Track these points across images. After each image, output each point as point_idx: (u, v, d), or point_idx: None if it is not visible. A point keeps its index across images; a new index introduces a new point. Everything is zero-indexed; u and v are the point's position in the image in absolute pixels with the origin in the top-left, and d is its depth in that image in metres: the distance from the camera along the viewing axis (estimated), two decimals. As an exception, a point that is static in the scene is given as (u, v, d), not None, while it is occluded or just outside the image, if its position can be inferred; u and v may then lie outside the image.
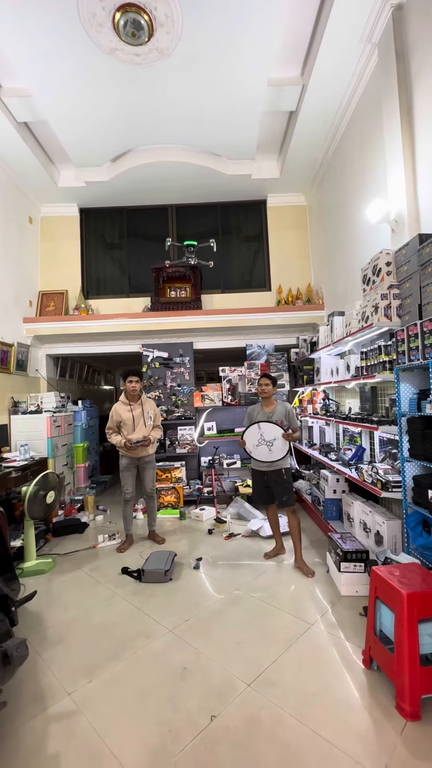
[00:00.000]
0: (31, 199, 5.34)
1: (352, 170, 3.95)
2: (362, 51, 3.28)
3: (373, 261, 2.94)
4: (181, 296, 5.50)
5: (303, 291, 5.53)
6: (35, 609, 2.68)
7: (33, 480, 3.38)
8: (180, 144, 4.62)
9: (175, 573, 3.11)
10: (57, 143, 4.52)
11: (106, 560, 3.46)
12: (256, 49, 3.31)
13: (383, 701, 1.75)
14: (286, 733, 1.62)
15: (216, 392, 5.29)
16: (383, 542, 2.74)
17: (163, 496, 4.83)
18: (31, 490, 3.29)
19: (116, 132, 4.31)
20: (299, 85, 3.78)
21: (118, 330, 5.29)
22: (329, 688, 1.85)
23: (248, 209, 5.83)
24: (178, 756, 1.54)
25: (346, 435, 4.05)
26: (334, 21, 3.01)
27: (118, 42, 3.13)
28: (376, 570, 1.97)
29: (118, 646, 2.24)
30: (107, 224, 5.85)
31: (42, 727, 1.70)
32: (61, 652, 2.22)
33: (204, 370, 8.71)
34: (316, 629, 2.31)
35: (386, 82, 3.01)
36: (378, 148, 3.28)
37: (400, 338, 2.52)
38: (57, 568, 3.35)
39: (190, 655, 2.13)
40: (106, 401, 8.80)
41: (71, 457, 5.25)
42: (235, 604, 2.64)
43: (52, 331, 5.23)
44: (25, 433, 4.54)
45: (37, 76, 3.48)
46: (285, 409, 3.25)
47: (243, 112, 4.05)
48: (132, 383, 3.73)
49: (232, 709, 1.75)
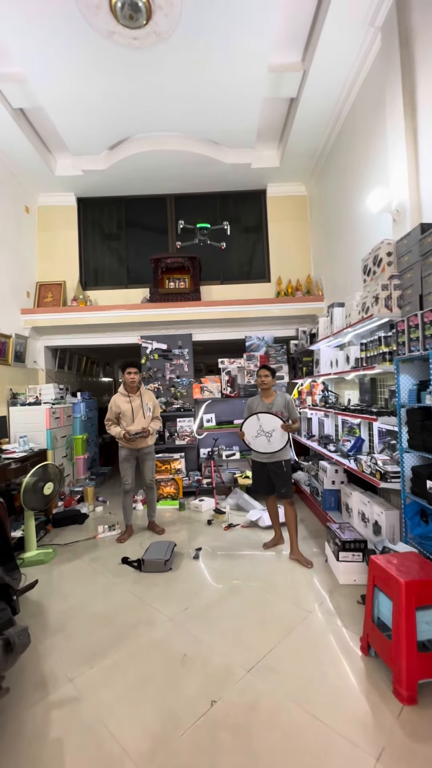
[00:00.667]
0: (27, 188, 5.26)
1: (353, 159, 3.89)
2: (365, 35, 3.21)
3: (374, 251, 2.92)
4: (180, 287, 5.45)
5: (303, 282, 5.50)
6: (36, 598, 2.70)
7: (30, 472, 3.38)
8: (179, 132, 4.54)
9: (174, 563, 3.14)
10: (53, 130, 4.43)
11: (106, 550, 3.49)
12: (256, 34, 3.23)
13: (380, 686, 1.78)
14: (285, 717, 1.64)
15: (215, 384, 5.28)
16: (381, 532, 2.77)
17: (163, 488, 4.85)
18: (29, 481, 3.30)
19: (114, 119, 4.23)
20: (300, 71, 3.70)
21: (116, 321, 5.26)
22: (327, 675, 1.88)
23: (248, 199, 5.77)
24: (179, 740, 1.56)
25: (345, 426, 4.06)
26: (336, 4, 2.93)
27: (115, 25, 3.05)
28: (374, 559, 1.99)
29: (119, 633, 2.27)
30: (105, 214, 5.78)
31: (44, 713, 1.73)
32: (62, 640, 2.25)
33: (203, 361, 8.68)
34: (314, 617, 2.34)
35: (389, 68, 2.95)
36: (380, 136, 3.23)
37: (400, 329, 2.51)
38: (57, 558, 3.38)
39: (190, 642, 2.16)
40: (105, 393, 8.79)
41: (70, 448, 5.26)
42: (234, 593, 2.67)
43: (50, 322, 5.19)
44: (24, 424, 4.54)
45: (33, 60, 3.40)
46: (285, 400, 3.25)
47: (243, 99, 3.97)
48: (131, 375, 3.72)
49: (231, 694, 1.78)
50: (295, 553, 3.11)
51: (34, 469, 3.40)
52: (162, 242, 5.77)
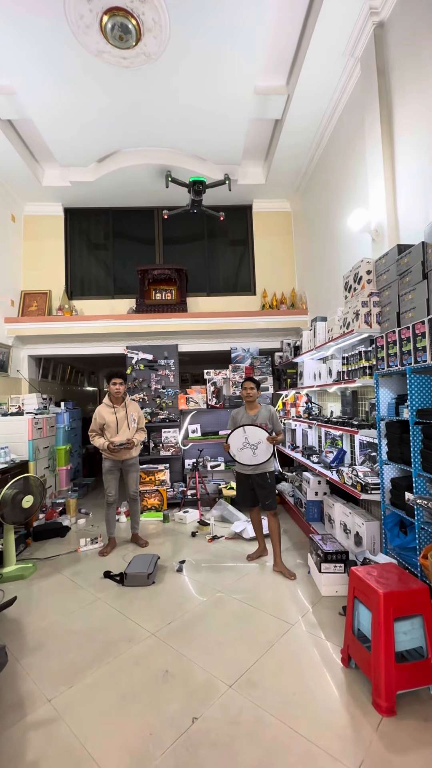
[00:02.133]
0: (14, 197, 5.26)
1: (335, 179, 4.04)
2: (345, 64, 3.38)
3: (355, 269, 3.02)
4: (166, 299, 5.50)
5: (287, 296, 5.62)
6: (15, 615, 2.63)
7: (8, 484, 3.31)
8: (167, 147, 4.63)
9: (158, 576, 3.11)
10: (42, 142, 4.47)
11: (88, 564, 3.43)
12: (243, 57, 3.36)
13: (360, 698, 1.80)
14: (267, 732, 1.64)
15: (201, 395, 5.30)
16: (362, 543, 2.81)
17: (147, 499, 4.81)
18: (7, 494, 3.22)
19: (102, 132, 4.29)
20: (285, 94, 3.85)
21: (102, 331, 5.25)
22: (309, 687, 1.89)
23: (234, 214, 5.89)
24: (160, 759, 1.54)
25: (328, 438, 4.13)
26: (318, 33, 3.09)
27: (105, 45, 3.13)
28: (354, 570, 2.03)
29: (100, 650, 2.23)
30: (92, 224, 5.80)
31: (21, 735, 1.68)
32: (41, 658, 2.19)
33: (189, 372, 8.71)
34: (296, 629, 2.36)
35: (368, 95, 3.11)
36: (360, 159, 3.38)
37: (379, 345, 2.60)
38: (37, 572, 3.30)
39: (172, 657, 2.14)
40: (89, 403, 8.69)
41: (53, 459, 5.18)
42: (217, 606, 2.66)
43: (34, 331, 5.15)
44: (6, 435, 4.45)
45: (22, 73, 3.43)
46: (269, 412, 3.29)
47: (230, 118, 4.09)
48: (116, 385, 3.71)
49: (213, 710, 1.77)
50: (279, 565, 3.12)
51: (13, 482, 3.32)
52: (149, 254, 5.82)
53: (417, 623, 1.80)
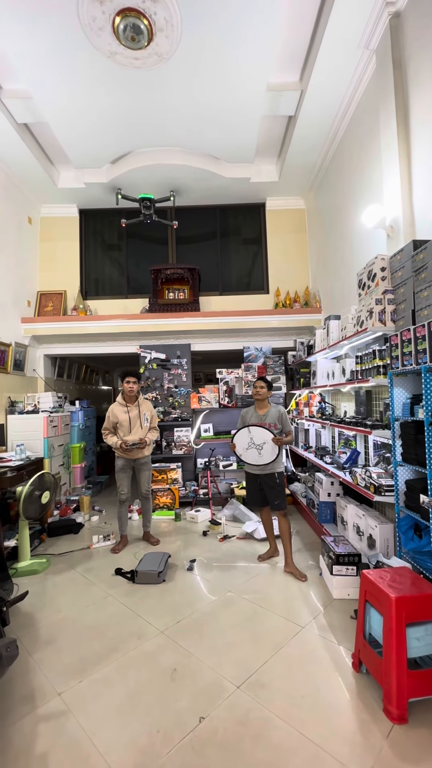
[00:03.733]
0: (30, 200, 5.36)
1: (349, 175, 3.97)
2: (360, 57, 3.31)
3: (369, 266, 2.96)
4: (179, 298, 5.51)
5: (301, 294, 5.55)
6: (28, 609, 2.68)
7: (28, 480, 3.39)
8: (179, 147, 4.64)
9: (168, 574, 3.12)
10: (57, 144, 4.54)
11: (101, 561, 3.47)
12: (255, 54, 3.33)
13: (371, 704, 1.77)
14: (274, 734, 1.63)
15: (213, 394, 5.30)
16: (375, 546, 2.76)
17: (159, 498, 4.84)
18: (27, 491, 3.30)
19: (116, 134, 4.33)
20: (298, 90, 3.80)
21: (116, 331, 5.30)
22: (318, 691, 1.86)
23: (247, 212, 5.86)
24: (166, 757, 1.54)
25: (342, 438, 4.06)
26: (332, 27, 3.03)
27: (117, 46, 3.15)
28: (366, 573, 1.99)
29: (110, 646, 2.25)
30: (106, 225, 5.87)
31: (31, 727, 1.71)
32: (52, 652, 2.23)
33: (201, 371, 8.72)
34: (307, 632, 2.32)
35: (383, 89, 3.03)
36: (375, 154, 3.30)
37: (393, 343, 2.54)
38: (51, 568, 3.36)
39: (181, 656, 2.14)
40: (103, 401, 8.80)
41: (68, 457, 5.26)
42: (227, 606, 2.65)
43: (50, 331, 5.24)
44: (22, 433, 4.54)
45: (38, 78, 3.50)
46: (278, 412, 3.26)
47: (242, 116, 4.07)
48: (129, 384, 3.74)
49: (220, 710, 1.76)
50: (290, 565, 3.09)
51: (32, 479, 3.40)
52: (162, 253, 5.84)
53: (431, 630, 1.75)
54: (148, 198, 4.17)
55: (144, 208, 4.29)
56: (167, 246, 5.86)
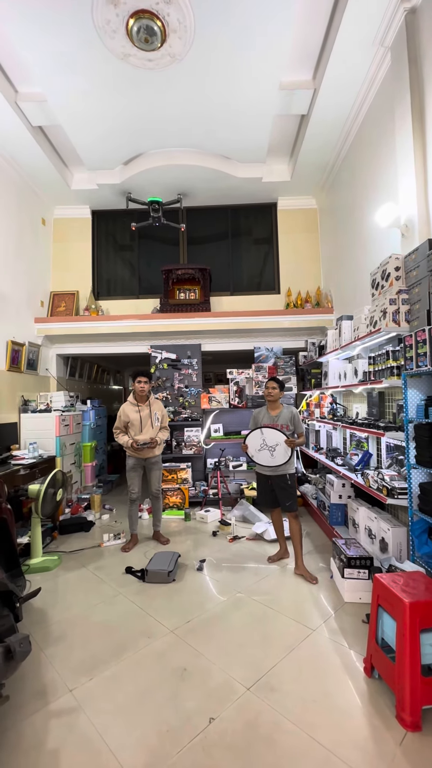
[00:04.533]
0: (44, 201, 5.43)
1: (363, 174, 3.92)
2: (374, 54, 3.27)
3: (382, 265, 2.92)
4: (190, 298, 5.52)
5: (312, 294, 5.51)
6: (40, 605, 2.72)
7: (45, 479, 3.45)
8: (191, 147, 4.65)
9: (178, 574, 3.12)
10: (70, 146, 4.59)
11: (111, 559, 3.50)
12: (268, 54, 3.32)
13: (383, 710, 1.74)
14: (285, 738, 1.61)
15: (223, 394, 5.29)
16: (388, 549, 2.72)
17: (169, 497, 4.86)
18: (46, 490, 3.35)
19: (128, 135, 4.36)
20: (311, 89, 3.77)
21: (127, 331, 5.34)
22: (329, 695, 1.84)
23: (258, 212, 5.84)
24: (176, 757, 1.54)
25: (353, 440, 4.01)
26: (346, 25, 3.00)
27: (131, 48, 3.17)
28: (378, 577, 1.96)
29: (120, 645, 2.26)
30: (118, 226, 5.91)
31: (43, 723, 1.73)
32: (63, 648, 2.25)
33: (212, 371, 8.72)
34: (317, 635, 2.30)
35: (398, 86, 2.99)
36: (389, 151, 3.26)
37: (408, 344, 2.50)
38: (62, 565, 3.40)
39: (191, 656, 2.14)
40: (114, 401, 8.87)
41: (79, 455, 5.31)
42: (237, 607, 2.64)
43: (62, 331, 5.30)
44: (34, 431, 4.61)
45: (52, 81, 3.54)
46: (291, 413, 3.24)
47: (254, 116, 4.06)
48: (141, 384, 3.76)
49: (230, 712, 1.75)
50: (300, 568, 3.06)
51: (49, 478, 3.45)
52: (173, 253, 5.86)
53: (445, 636, 1.72)
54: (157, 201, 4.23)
55: (153, 211, 4.36)
56: (178, 246, 5.88)
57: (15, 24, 3.02)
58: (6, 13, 2.93)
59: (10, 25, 3.03)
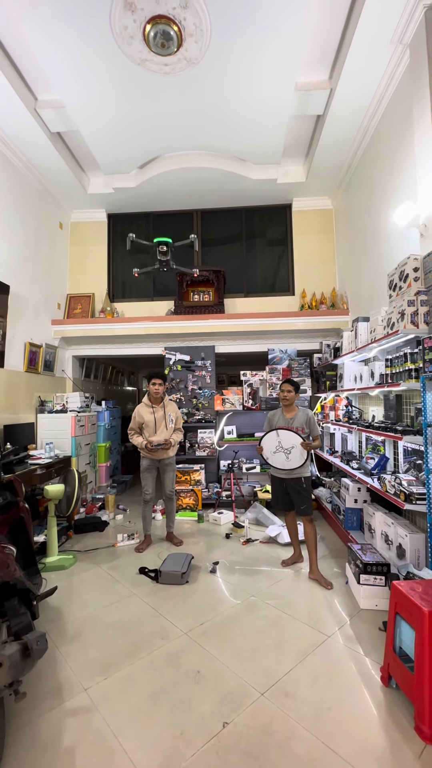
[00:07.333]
0: (61, 206, 5.53)
1: (380, 173, 3.87)
2: (393, 52, 3.21)
3: (400, 266, 2.87)
4: (204, 300, 5.54)
5: (327, 295, 5.45)
6: (56, 603, 2.75)
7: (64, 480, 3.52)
8: (206, 150, 4.66)
9: (191, 576, 3.12)
10: (87, 151, 4.66)
11: (125, 559, 3.52)
12: (283, 55, 3.31)
13: (401, 721, 1.70)
14: (299, 746, 1.59)
15: (237, 396, 5.28)
16: (405, 556, 2.66)
17: (182, 499, 4.86)
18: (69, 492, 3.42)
19: (144, 139, 4.40)
20: (327, 89, 3.74)
21: (141, 333, 5.38)
22: (345, 703, 1.81)
23: (273, 213, 5.82)
24: (189, 760, 1.54)
25: (369, 443, 3.95)
26: (364, 23, 2.96)
27: (147, 53, 3.20)
28: (396, 585, 1.92)
29: (134, 645, 2.27)
30: (134, 229, 5.95)
31: (58, 721, 1.75)
32: (78, 647, 2.27)
33: (225, 373, 8.71)
34: (333, 642, 2.27)
35: (417, 83, 2.94)
36: (408, 150, 3.20)
37: (427, 346, 2.45)
38: (77, 564, 3.44)
39: (204, 659, 2.13)
40: (129, 402, 8.95)
41: (94, 456, 5.38)
42: (250, 610, 2.63)
43: (78, 333, 5.38)
44: (51, 431, 4.68)
45: (70, 88, 3.61)
46: (306, 416, 3.21)
47: (270, 118, 4.05)
48: (155, 386, 3.78)
49: (244, 716, 1.74)
50: (315, 572, 3.03)
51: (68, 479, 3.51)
52: (188, 256, 5.89)
53: (466, 647, 1.66)
54: (165, 242, 3.46)
55: (160, 253, 3.65)
56: (192, 249, 5.89)
57: (34, 34, 3.09)
58: (26, 25, 3.00)
59: (30, 36, 3.11)
